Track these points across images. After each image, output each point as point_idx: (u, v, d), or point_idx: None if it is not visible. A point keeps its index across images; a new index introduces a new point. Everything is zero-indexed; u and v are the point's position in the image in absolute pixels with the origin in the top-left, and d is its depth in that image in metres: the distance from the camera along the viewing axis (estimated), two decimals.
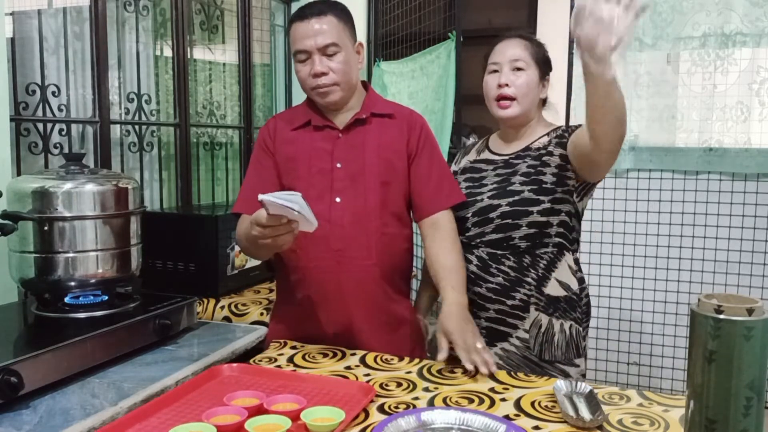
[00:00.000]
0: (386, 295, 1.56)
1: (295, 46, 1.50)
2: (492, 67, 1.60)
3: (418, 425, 1.04)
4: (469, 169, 1.68)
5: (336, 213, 1.50)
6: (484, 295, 1.57)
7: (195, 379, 1.24)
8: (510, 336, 1.56)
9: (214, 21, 2.71)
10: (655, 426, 1.06)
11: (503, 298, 1.55)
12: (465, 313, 1.43)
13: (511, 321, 1.55)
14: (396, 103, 1.68)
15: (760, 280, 2.75)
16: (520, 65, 1.56)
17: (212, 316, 1.88)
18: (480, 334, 1.40)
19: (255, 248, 1.42)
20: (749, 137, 2.73)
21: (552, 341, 1.54)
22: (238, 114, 2.84)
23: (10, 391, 1.12)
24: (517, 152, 1.61)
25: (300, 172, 1.53)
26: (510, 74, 1.56)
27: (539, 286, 1.53)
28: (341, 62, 1.49)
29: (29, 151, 1.88)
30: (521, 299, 1.54)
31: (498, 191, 1.56)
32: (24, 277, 1.49)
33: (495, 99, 1.58)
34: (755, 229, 2.75)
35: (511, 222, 1.53)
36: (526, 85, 1.56)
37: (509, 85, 1.55)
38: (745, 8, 2.66)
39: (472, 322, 1.43)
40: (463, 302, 1.45)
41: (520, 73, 1.56)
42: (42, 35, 1.96)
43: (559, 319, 1.54)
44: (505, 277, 1.54)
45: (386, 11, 3.24)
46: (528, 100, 1.57)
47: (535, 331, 1.54)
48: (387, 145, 1.55)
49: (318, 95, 1.52)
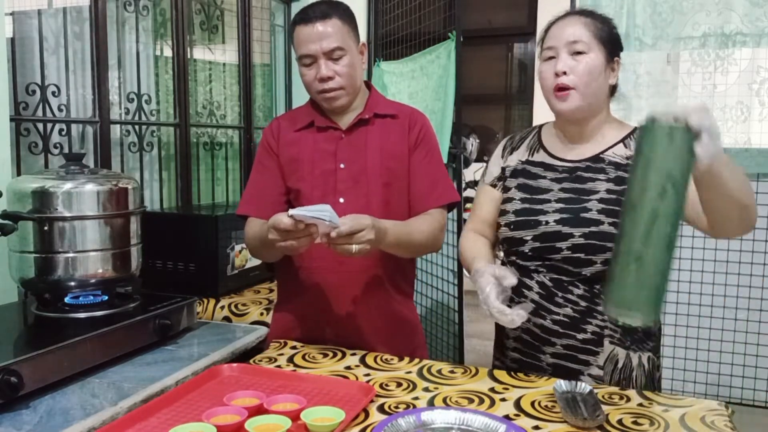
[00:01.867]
0: (388, 296, 1.56)
1: (300, 50, 1.49)
2: (547, 53, 1.35)
3: (418, 425, 1.04)
4: (521, 172, 1.43)
5: (340, 214, 1.50)
6: (550, 329, 1.35)
7: (195, 379, 1.24)
8: (581, 374, 1.34)
9: (214, 21, 2.71)
10: (655, 426, 1.06)
11: (572, 332, 1.33)
12: (375, 225, 1.29)
13: (582, 357, 1.34)
14: (399, 103, 1.67)
15: (760, 280, 2.75)
16: (580, 48, 1.31)
17: (212, 316, 1.88)
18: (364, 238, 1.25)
19: (270, 251, 1.42)
20: (749, 137, 2.73)
21: (630, 377, 1.33)
22: (238, 114, 2.84)
23: (10, 391, 1.12)
24: (586, 161, 1.37)
25: (303, 173, 1.53)
26: (569, 59, 1.31)
27: None
28: (347, 65, 1.48)
29: (29, 151, 1.88)
30: (593, 332, 1.32)
31: (568, 215, 1.32)
32: (24, 277, 1.49)
33: (553, 90, 1.33)
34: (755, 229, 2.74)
35: (584, 257, 1.30)
36: (588, 71, 1.30)
37: (567, 72, 1.31)
38: (745, 8, 2.66)
39: (374, 232, 1.28)
40: (383, 228, 1.34)
41: (580, 57, 1.31)
42: (42, 35, 1.96)
43: (636, 352, 1.33)
44: (574, 308, 1.33)
45: (386, 11, 3.24)
46: (592, 90, 1.31)
47: (610, 368, 1.33)
48: (390, 145, 1.54)
49: (325, 100, 1.52)
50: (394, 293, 1.58)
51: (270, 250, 1.40)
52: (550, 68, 1.34)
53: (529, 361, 1.40)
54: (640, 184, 0.97)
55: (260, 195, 1.56)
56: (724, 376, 2.83)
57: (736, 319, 2.80)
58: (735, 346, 2.81)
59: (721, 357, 2.83)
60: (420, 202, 1.55)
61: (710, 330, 2.84)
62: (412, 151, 1.56)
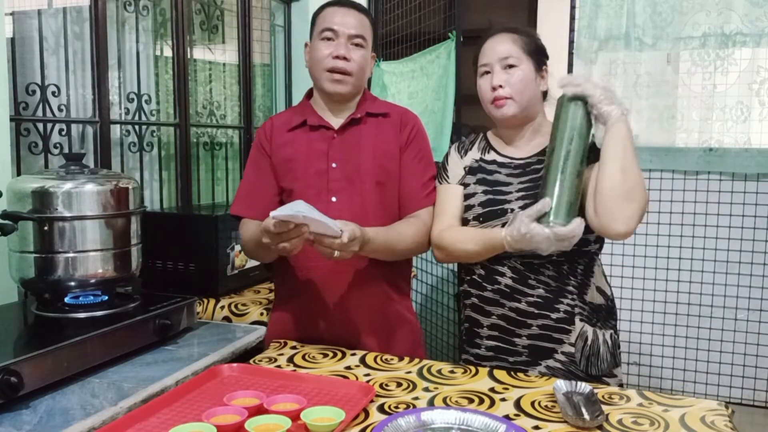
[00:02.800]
0: (385, 295, 1.56)
1: (325, 23, 1.52)
2: (483, 69, 1.49)
3: (418, 425, 1.04)
4: (478, 169, 1.54)
5: (333, 213, 1.50)
6: (525, 311, 1.42)
7: (195, 379, 1.24)
8: (555, 352, 1.43)
9: (214, 21, 2.71)
10: (655, 426, 1.06)
11: (547, 312, 1.41)
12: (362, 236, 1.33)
13: (556, 336, 1.42)
14: (391, 103, 1.68)
15: (760, 280, 2.75)
16: (512, 62, 1.44)
17: (212, 316, 1.88)
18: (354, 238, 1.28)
19: (266, 253, 1.43)
20: (749, 137, 2.73)
21: (598, 354, 1.43)
22: (238, 114, 2.84)
23: (10, 391, 1.12)
24: (536, 156, 1.49)
25: (297, 173, 1.54)
26: (502, 74, 1.45)
27: (581, 294, 1.43)
28: (362, 57, 1.53)
29: (29, 151, 1.87)
30: (566, 311, 1.41)
31: (531, 200, 1.40)
32: (24, 277, 1.49)
33: (490, 102, 1.48)
34: (755, 229, 2.75)
35: None
36: (521, 81, 1.44)
37: (503, 85, 1.45)
38: (745, 8, 2.66)
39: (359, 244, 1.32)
40: (367, 239, 1.36)
41: (512, 70, 1.45)
42: (42, 35, 1.96)
43: (601, 329, 1.44)
44: (546, 288, 1.42)
45: (386, 11, 3.24)
46: (526, 97, 1.45)
47: (581, 344, 1.42)
48: (382, 144, 1.55)
49: (330, 81, 1.52)
50: (390, 292, 1.58)
51: (265, 252, 1.41)
52: (486, 83, 1.48)
53: (505, 346, 1.45)
54: (557, 134, 1.37)
55: (253, 195, 1.57)
56: (724, 376, 2.83)
57: (736, 319, 2.80)
58: (735, 346, 2.81)
59: (721, 357, 2.83)
60: (410, 201, 1.56)
61: (710, 330, 2.85)
62: (403, 150, 1.57)
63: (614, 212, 1.29)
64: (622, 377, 1.51)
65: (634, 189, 1.30)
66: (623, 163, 1.30)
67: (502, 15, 3.65)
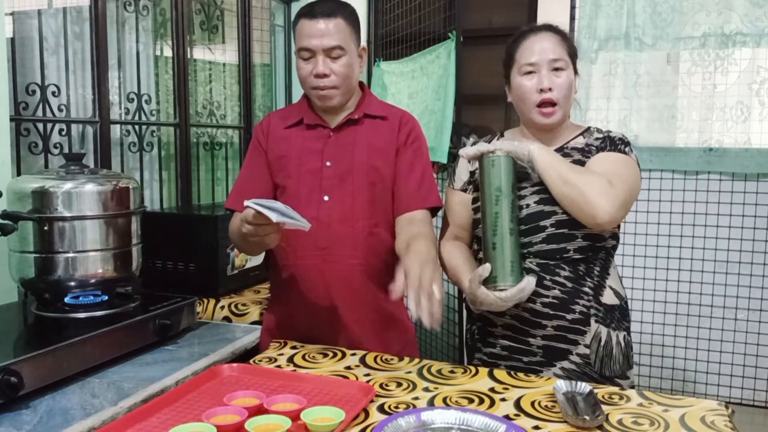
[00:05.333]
0: (374, 294, 1.55)
1: (301, 43, 1.49)
2: (527, 68, 1.42)
3: (418, 425, 1.04)
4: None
5: (324, 211, 1.50)
6: (540, 312, 1.40)
7: (195, 379, 1.24)
8: (570, 353, 1.40)
9: (214, 21, 2.71)
10: (655, 426, 1.06)
11: (562, 313, 1.39)
12: (430, 260, 1.29)
13: (571, 337, 1.40)
14: (390, 105, 1.68)
15: (760, 280, 2.75)
16: (560, 65, 1.40)
17: (212, 316, 1.88)
18: (441, 283, 1.23)
19: (245, 244, 1.43)
20: (749, 137, 2.73)
21: (611, 355, 1.41)
22: (238, 114, 2.84)
23: (10, 391, 1.12)
24: (558, 150, 1.46)
25: (290, 170, 1.54)
26: (551, 76, 1.39)
27: (596, 295, 1.41)
28: (344, 65, 1.49)
29: (29, 151, 1.88)
30: (581, 312, 1.39)
31: (547, 194, 1.38)
32: (24, 277, 1.49)
33: (536, 104, 1.41)
34: (755, 229, 2.75)
35: (568, 232, 1.38)
36: (568, 86, 1.41)
37: (552, 88, 1.39)
38: (745, 8, 2.66)
39: (439, 270, 1.29)
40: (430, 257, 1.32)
41: (560, 73, 1.40)
42: (42, 35, 1.96)
43: (615, 330, 1.43)
44: (562, 289, 1.39)
45: (386, 11, 3.24)
46: (569, 103, 1.44)
47: (595, 346, 1.40)
48: (377, 145, 1.55)
49: (317, 98, 1.52)
50: (379, 291, 1.56)
51: (248, 244, 1.40)
52: (532, 83, 1.41)
53: (519, 346, 1.44)
54: (483, 198, 1.37)
55: (248, 190, 1.56)
56: (724, 376, 2.83)
57: (736, 319, 2.80)
58: (735, 346, 2.81)
59: (721, 357, 2.83)
60: (404, 202, 1.54)
61: (710, 330, 2.85)
62: (399, 151, 1.56)
63: (586, 211, 1.32)
64: (634, 379, 1.50)
65: (588, 187, 1.31)
66: (563, 180, 1.33)
67: (502, 15, 3.65)
